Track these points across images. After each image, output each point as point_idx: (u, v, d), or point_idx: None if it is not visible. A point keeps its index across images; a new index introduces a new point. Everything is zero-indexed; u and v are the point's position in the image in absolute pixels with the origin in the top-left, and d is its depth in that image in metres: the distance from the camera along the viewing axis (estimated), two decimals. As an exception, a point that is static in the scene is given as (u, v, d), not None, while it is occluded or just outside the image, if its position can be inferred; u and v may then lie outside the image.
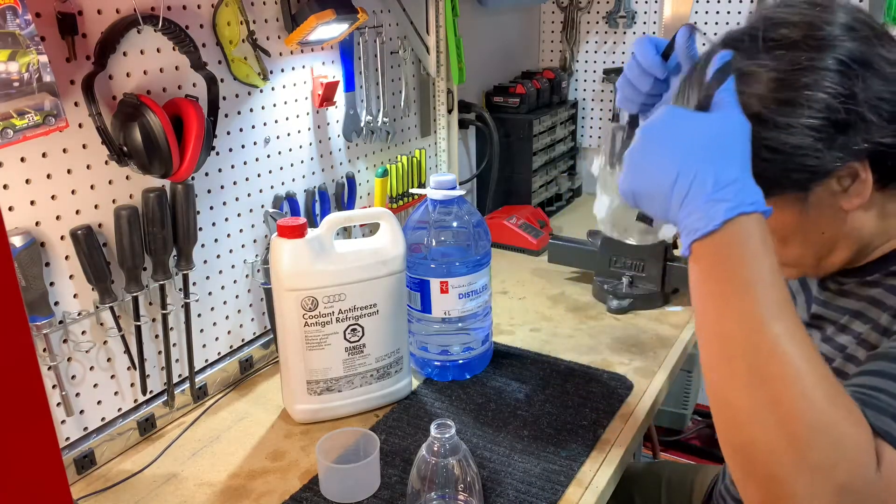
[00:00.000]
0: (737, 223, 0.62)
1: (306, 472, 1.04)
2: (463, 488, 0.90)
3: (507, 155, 1.96)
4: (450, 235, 1.22)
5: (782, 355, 0.59)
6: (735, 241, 0.62)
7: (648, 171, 0.67)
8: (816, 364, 0.59)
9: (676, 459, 2.20)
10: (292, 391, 1.13)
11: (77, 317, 1.02)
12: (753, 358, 0.60)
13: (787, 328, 0.60)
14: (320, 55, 1.37)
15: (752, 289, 0.61)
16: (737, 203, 0.62)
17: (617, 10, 2.10)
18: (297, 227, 1.07)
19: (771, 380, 0.59)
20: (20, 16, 0.81)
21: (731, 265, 0.62)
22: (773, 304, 0.61)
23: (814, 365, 0.59)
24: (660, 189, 0.66)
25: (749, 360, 0.60)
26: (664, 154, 0.66)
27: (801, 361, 0.59)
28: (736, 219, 0.62)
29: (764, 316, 0.60)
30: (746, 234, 0.62)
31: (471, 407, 1.17)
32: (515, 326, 1.44)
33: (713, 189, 0.63)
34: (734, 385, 0.61)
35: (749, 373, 0.60)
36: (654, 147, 0.67)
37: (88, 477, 1.05)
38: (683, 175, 0.64)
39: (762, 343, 0.60)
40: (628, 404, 1.17)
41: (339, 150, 1.46)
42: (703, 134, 0.65)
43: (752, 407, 0.60)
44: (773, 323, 0.60)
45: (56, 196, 0.97)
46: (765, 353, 0.60)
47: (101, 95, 0.99)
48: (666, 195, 0.66)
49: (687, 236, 0.65)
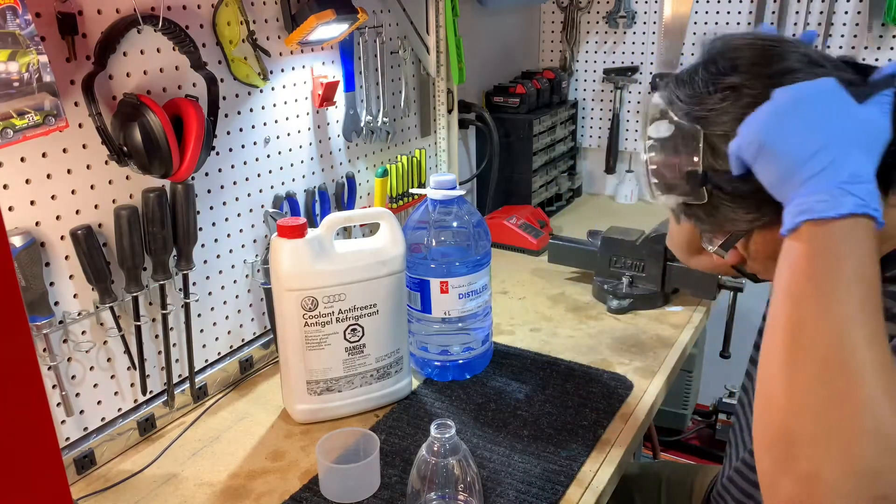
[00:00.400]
0: (858, 221, 0.61)
1: (306, 472, 1.04)
2: (463, 488, 0.90)
3: (507, 155, 1.96)
4: (450, 235, 1.22)
5: (861, 358, 0.58)
6: (851, 236, 0.61)
7: (790, 130, 0.64)
8: (890, 374, 0.58)
9: (676, 459, 2.20)
10: (292, 391, 1.13)
11: (77, 317, 1.02)
12: (831, 353, 0.59)
13: (872, 332, 0.59)
14: (320, 55, 1.37)
15: (851, 287, 0.60)
16: (866, 203, 0.61)
17: (617, 10, 2.10)
18: (297, 227, 1.07)
19: (841, 379, 0.58)
20: (20, 16, 0.81)
21: (837, 257, 0.61)
22: (866, 307, 0.60)
23: (887, 374, 0.58)
24: (793, 154, 0.63)
25: (825, 354, 0.59)
26: (815, 122, 0.64)
27: (876, 367, 0.58)
28: (859, 216, 0.61)
29: (855, 316, 0.59)
30: (863, 235, 0.61)
31: (471, 407, 1.17)
32: (515, 326, 1.44)
33: (849, 179, 0.61)
34: (800, 374, 0.60)
35: (820, 366, 0.59)
36: (806, 111, 0.64)
37: (88, 477, 1.05)
38: (826, 151, 0.62)
39: (845, 341, 0.59)
40: (628, 404, 1.17)
41: (339, 150, 1.46)
42: (858, 121, 0.64)
43: (812, 401, 0.59)
44: (860, 325, 0.59)
45: (56, 196, 0.97)
46: (845, 351, 0.58)
47: (101, 95, 0.99)
48: (796, 162, 0.63)
49: (801, 214, 0.62)
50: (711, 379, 2.24)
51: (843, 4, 1.86)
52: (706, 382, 2.24)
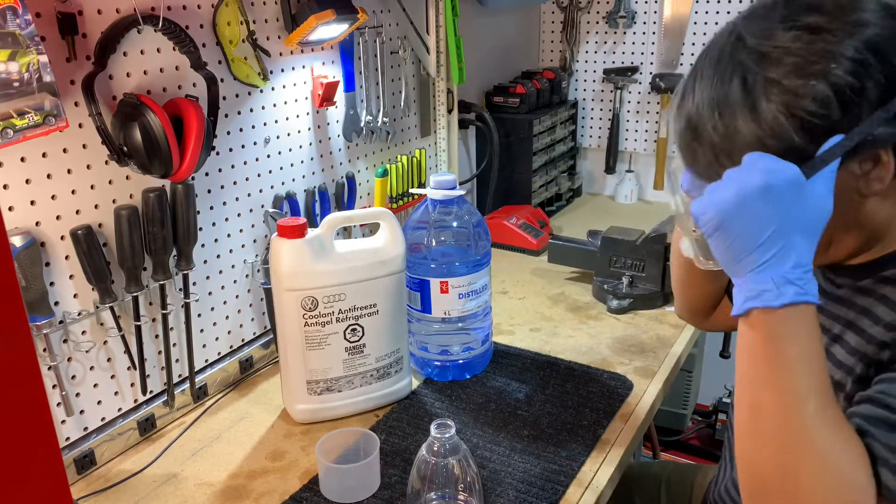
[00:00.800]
0: (798, 308, 0.66)
1: (306, 472, 1.04)
2: (463, 488, 0.90)
3: (507, 155, 1.96)
4: (450, 235, 1.22)
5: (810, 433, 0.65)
6: (793, 322, 0.67)
7: (748, 218, 0.67)
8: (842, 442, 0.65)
9: (676, 459, 2.20)
10: (292, 391, 1.13)
11: (77, 317, 1.02)
12: (784, 432, 0.66)
13: (820, 406, 0.65)
14: (320, 55, 1.37)
15: (797, 366, 0.66)
16: (805, 291, 0.66)
17: (617, 10, 2.10)
18: (297, 227, 1.07)
19: (795, 453, 0.65)
20: (20, 16, 0.81)
21: (783, 342, 0.67)
22: (813, 384, 0.66)
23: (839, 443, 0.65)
24: (745, 241, 0.67)
25: (778, 432, 0.66)
26: (768, 205, 0.66)
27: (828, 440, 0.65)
28: (799, 304, 0.66)
29: (803, 393, 0.65)
30: (804, 319, 0.67)
31: (471, 407, 1.17)
32: (515, 326, 1.44)
33: (791, 268, 0.66)
34: (762, 452, 0.67)
35: (775, 442, 0.66)
36: (769, 201, 0.67)
37: (88, 477, 1.05)
38: (775, 239, 0.66)
39: (795, 420, 0.65)
40: (628, 404, 1.17)
41: (339, 150, 1.46)
42: (806, 207, 0.67)
43: (774, 473, 0.66)
44: (808, 401, 0.65)
45: (56, 196, 0.97)
46: (794, 428, 0.65)
47: (101, 95, 0.99)
48: (746, 247, 0.67)
49: (749, 300, 0.68)
50: (711, 379, 2.24)
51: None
52: (706, 382, 2.24)
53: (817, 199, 0.68)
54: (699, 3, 1.99)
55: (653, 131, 2.15)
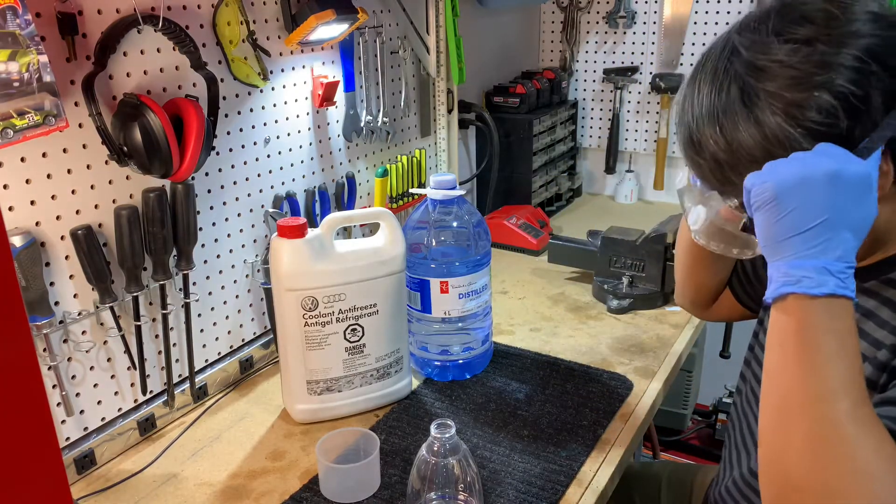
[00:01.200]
0: (837, 301, 0.64)
1: (306, 472, 1.04)
2: (463, 488, 0.90)
3: (507, 155, 1.96)
4: (450, 235, 1.22)
5: (843, 431, 0.61)
6: (830, 314, 0.64)
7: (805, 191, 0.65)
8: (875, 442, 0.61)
9: (676, 459, 2.20)
10: (292, 391, 1.13)
11: (77, 317, 1.02)
12: (815, 427, 0.62)
13: (853, 403, 0.62)
14: (320, 55, 1.37)
15: (831, 360, 0.63)
16: (846, 286, 0.64)
17: (617, 10, 2.10)
18: (297, 227, 1.07)
19: (826, 452, 0.61)
20: (20, 16, 0.81)
21: (818, 333, 0.64)
22: (847, 380, 0.63)
23: (872, 443, 0.61)
24: (796, 218, 0.65)
25: (809, 428, 0.63)
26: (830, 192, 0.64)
27: (860, 439, 0.61)
28: (839, 297, 0.64)
29: (836, 389, 0.62)
30: (842, 313, 0.64)
31: (471, 407, 1.18)
32: (515, 326, 1.44)
33: (836, 260, 0.64)
34: (789, 450, 0.64)
35: (805, 439, 0.63)
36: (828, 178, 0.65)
37: (88, 477, 1.05)
38: (825, 229, 0.64)
39: (828, 416, 0.62)
40: (628, 404, 1.17)
41: (339, 150, 1.46)
42: (862, 205, 0.65)
43: (802, 473, 0.62)
44: (842, 397, 0.62)
45: (56, 196, 0.97)
46: (827, 425, 0.62)
47: (101, 95, 0.99)
48: (794, 228, 0.65)
49: (787, 285, 0.65)
50: (711, 379, 2.24)
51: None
52: (706, 382, 2.24)
53: (871, 201, 0.66)
54: (699, 3, 1.99)
55: (653, 131, 2.15)
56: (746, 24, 0.75)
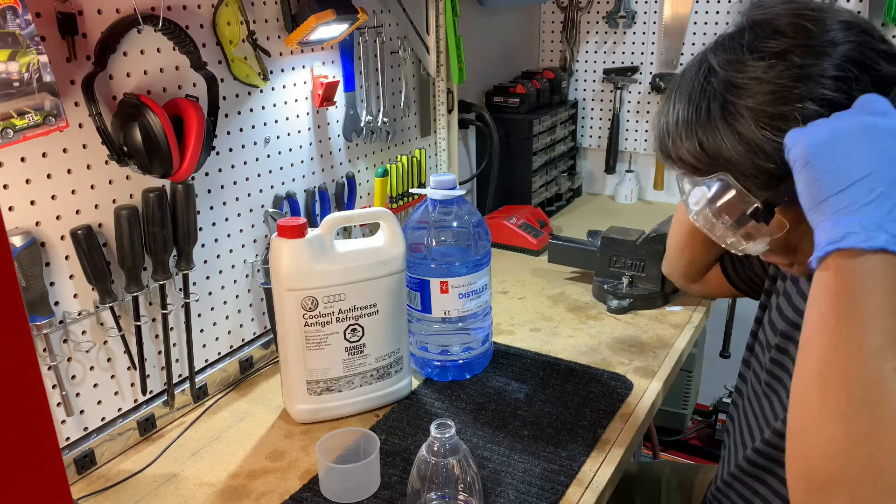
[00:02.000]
0: (887, 257, 0.60)
1: (306, 472, 1.04)
2: (463, 488, 0.90)
3: (507, 155, 1.96)
4: (450, 235, 1.22)
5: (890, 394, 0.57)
6: (879, 271, 0.60)
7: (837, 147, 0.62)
8: None
9: (676, 459, 2.20)
10: (292, 391, 1.13)
11: (77, 317, 1.02)
12: (859, 389, 0.58)
13: None
14: (320, 55, 1.37)
15: (877, 319, 0.59)
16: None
17: (617, 10, 2.10)
18: (297, 227, 1.07)
19: (871, 415, 0.57)
20: (20, 16, 0.81)
21: (864, 291, 0.60)
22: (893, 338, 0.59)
23: None
24: (834, 176, 0.62)
25: (853, 390, 0.59)
26: (868, 145, 0.62)
27: None
28: (888, 252, 0.60)
29: (884, 348, 0.59)
30: (890, 269, 0.60)
31: (471, 407, 1.18)
32: (515, 326, 1.44)
33: (887, 213, 0.60)
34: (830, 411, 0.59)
35: (849, 403, 0.59)
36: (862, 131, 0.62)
37: (88, 477, 1.05)
38: (873, 181, 0.61)
39: (873, 375, 0.58)
40: (628, 404, 1.17)
41: (339, 150, 1.46)
42: None
43: (842, 438, 0.58)
44: (888, 357, 0.58)
45: (56, 196, 0.97)
46: (874, 386, 0.58)
47: (101, 95, 0.99)
48: (834, 186, 0.62)
49: (833, 243, 0.61)
50: (711, 379, 2.24)
51: (842, 4, 1.86)
52: (706, 382, 2.24)
53: None
54: (699, 3, 1.99)
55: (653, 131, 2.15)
56: (721, 43, 0.76)
